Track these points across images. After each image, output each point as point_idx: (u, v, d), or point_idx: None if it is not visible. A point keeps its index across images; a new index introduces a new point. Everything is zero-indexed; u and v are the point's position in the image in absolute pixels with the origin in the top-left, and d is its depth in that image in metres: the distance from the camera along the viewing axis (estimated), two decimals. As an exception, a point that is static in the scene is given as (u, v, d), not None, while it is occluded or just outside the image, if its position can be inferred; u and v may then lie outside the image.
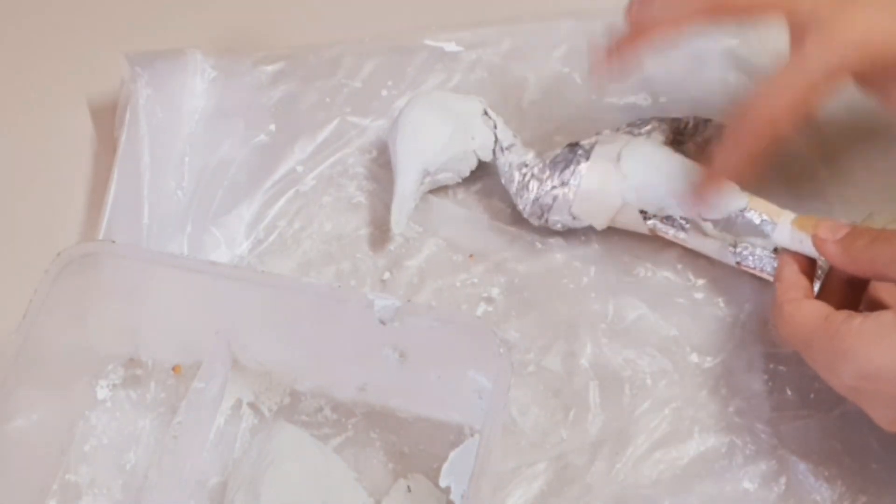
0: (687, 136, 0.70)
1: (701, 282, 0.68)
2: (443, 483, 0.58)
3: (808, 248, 0.62)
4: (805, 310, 0.58)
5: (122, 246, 0.65)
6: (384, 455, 0.63)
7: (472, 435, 0.62)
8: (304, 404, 0.64)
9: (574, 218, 0.68)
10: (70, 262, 0.59)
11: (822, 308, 0.58)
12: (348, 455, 0.63)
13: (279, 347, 0.63)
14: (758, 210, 0.64)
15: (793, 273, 0.61)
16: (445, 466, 0.58)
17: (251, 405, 0.64)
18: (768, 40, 0.69)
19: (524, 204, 0.68)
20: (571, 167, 0.67)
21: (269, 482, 0.58)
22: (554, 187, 0.67)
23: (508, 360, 0.56)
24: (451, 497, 0.58)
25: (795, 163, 0.72)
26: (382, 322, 0.58)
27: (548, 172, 0.68)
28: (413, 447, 0.63)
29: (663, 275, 0.69)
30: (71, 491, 0.62)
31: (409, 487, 0.61)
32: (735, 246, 0.65)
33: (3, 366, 0.57)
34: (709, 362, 0.65)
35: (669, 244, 0.68)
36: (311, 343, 0.62)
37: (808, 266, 0.62)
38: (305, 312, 0.60)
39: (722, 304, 0.67)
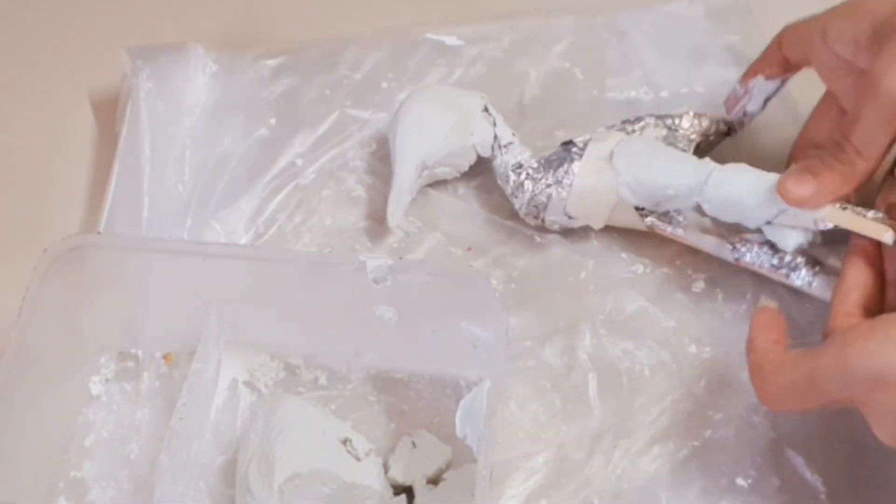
0: (680, 132, 0.70)
1: (699, 276, 0.68)
2: (459, 433, 0.58)
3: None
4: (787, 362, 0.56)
5: (107, 237, 0.65)
6: (385, 416, 0.63)
7: (467, 387, 0.63)
8: (300, 377, 0.64)
9: (570, 218, 0.68)
10: (57, 258, 0.59)
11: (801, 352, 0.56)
12: (349, 419, 0.63)
13: (271, 322, 0.63)
14: None
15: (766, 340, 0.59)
16: (458, 416, 0.58)
17: (247, 384, 0.65)
18: (768, 37, 0.69)
19: (520, 204, 0.69)
20: (565, 166, 0.67)
21: (281, 450, 0.58)
22: (548, 185, 0.67)
23: (504, 303, 0.56)
24: (468, 442, 0.58)
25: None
26: (376, 282, 0.59)
27: (542, 172, 0.68)
28: (412, 405, 0.64)
29: (662, 270, 0.69)
30: (78, 487, 0.62)
31: (413, 443, 0.61)
32: (733, 244, 0.66)
33: (3, 366, 0.57)
34: (707, 354, 0.65)
35: (668, 241, 0.68)
36: (304, 314, 0.62)
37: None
38: (296, 283, 0.61)
39: (721, 298, 0.67)
